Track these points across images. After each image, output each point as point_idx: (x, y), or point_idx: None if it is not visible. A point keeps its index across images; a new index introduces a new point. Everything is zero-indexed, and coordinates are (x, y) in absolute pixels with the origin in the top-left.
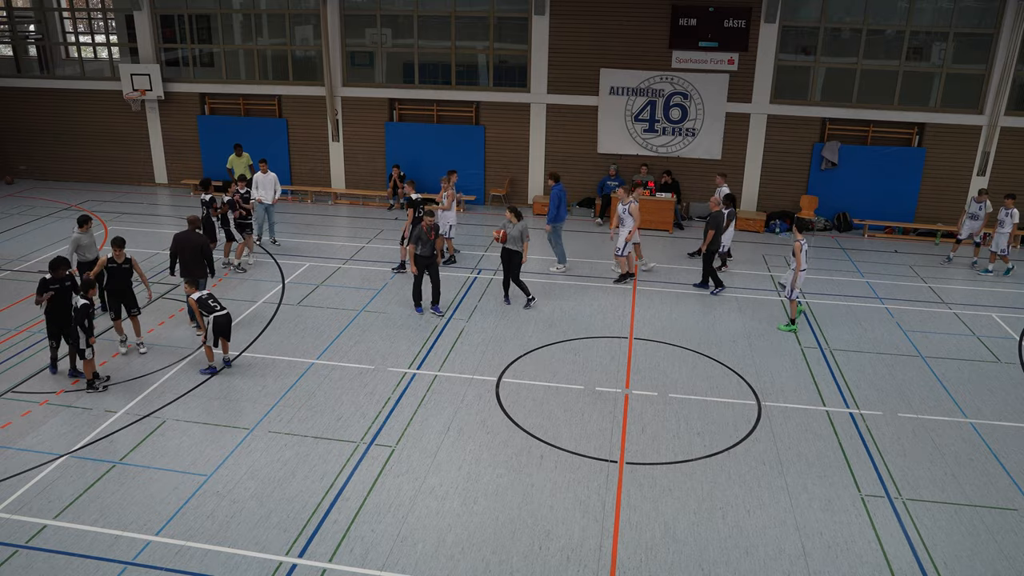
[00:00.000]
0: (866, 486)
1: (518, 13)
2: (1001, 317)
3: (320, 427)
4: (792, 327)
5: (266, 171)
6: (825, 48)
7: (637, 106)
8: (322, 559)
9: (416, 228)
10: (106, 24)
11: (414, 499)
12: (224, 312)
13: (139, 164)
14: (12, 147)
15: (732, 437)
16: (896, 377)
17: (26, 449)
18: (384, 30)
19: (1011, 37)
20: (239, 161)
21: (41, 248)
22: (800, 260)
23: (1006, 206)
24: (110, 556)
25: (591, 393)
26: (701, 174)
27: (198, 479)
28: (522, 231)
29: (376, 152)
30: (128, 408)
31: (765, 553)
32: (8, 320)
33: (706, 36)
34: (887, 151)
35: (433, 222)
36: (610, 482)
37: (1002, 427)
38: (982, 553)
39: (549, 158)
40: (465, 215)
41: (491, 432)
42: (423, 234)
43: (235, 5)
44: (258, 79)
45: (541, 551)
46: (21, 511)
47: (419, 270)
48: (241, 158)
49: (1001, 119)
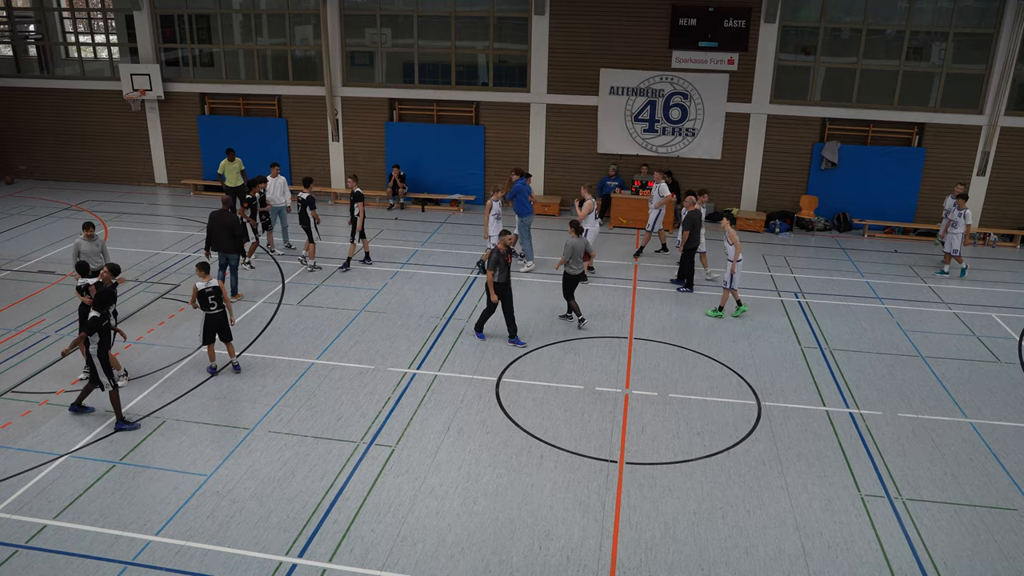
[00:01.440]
0: (866, 486)
1: (518, 13)
2: (1001, 317)
3: (320, 427)
4: (719, 313)
5: (276, 175)
6: (825, 48)
7: (637, 106)
8: (322, 559)
9: (494, 252)
10: (106, 24)
11: (414, 499)
12: (218, 312)
13: (139, 164)
14: (12, 147)
15: (732, 437)
16: (896, 377)
17: (26, 449)
18: (384, 30)
19: (1011, 37)
20: (231, 166)
21: (41, 248)
22: (738, 250)
23: (959, 207)
24: (110, 556)
25: (591, 393)
26: (701, 174)
27: (198, 479)
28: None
29: (376, 152)
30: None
31: (765, 553)
32: (8, 320)
33: (706, 36)
34: (887, 151)
35: (512, 240)
36: (610, 482)
37: (1002, 427)
38: (982, 553)
39: (549, 158)
40: (465, 215)
41: (491, 432)
42: (501, 258)
43: (235, 5)
44: (258, 79)
45: (541, 551)
46: (21, 511)
47: (498, 297)
48: (233, 163)
49: (1001, 119)
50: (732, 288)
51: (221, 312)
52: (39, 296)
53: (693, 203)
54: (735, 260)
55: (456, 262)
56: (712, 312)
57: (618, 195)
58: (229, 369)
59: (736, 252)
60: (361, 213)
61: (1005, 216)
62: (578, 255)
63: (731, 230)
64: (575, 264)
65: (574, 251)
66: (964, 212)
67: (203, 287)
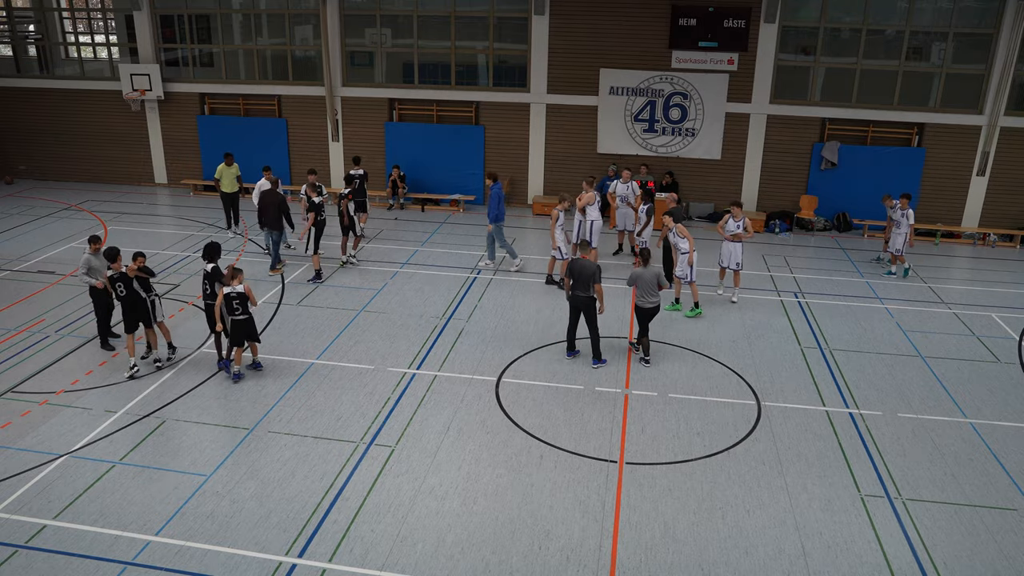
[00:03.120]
0: (866, 486)
1: (518, 13)
2: (1001, 317)
3: (320, 427)
4: (698, 311)
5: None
6: (825, 48)
7: (637, 106)
8: (322, 559)
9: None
10: (106, 24)
11: (414, 499)
12: (244, 317)
13: (139, 164)
14: (12, 147)
15: (732, 437)
16: (896, 377)
17: (26, 449)
18: (384, 30)
19: (1011, 37)
20: (228, 171)
21: (41, 248)
22: (691, 243)
23: (901, 207)
24: (110, 556)
25: (591, 393)
26: (701, 174)
27: (198, 479)
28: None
29: (376, 152)
30: (128, 408)
31: (765, 553)
32: (7, 320)
33: (706, 36)
34: (887, 151)
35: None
36: (610, 482)
37: (1002, 427)
38: (982, 553)
39: (549, 158)
40: (465, 215)
41: (491, 432)
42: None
43: (235, 5)
44: (258, 79)
45: (541, 551)
46: (21, 511)
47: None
48: (231, 168)
49: (1001, 119)
50: (692, 282)
51: (247, 318)
52: (39, 296)
53: (673, 200)
54: (690, 252)
55: (456, 262)
56: (676, 307)
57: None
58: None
59: (689, 245)
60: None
61: (1005, 216)
62: (649, 286)
63: (680, 226)
64: (649, 296)
65: (639, 281)
66: (906, 212)
67: (228, 291)
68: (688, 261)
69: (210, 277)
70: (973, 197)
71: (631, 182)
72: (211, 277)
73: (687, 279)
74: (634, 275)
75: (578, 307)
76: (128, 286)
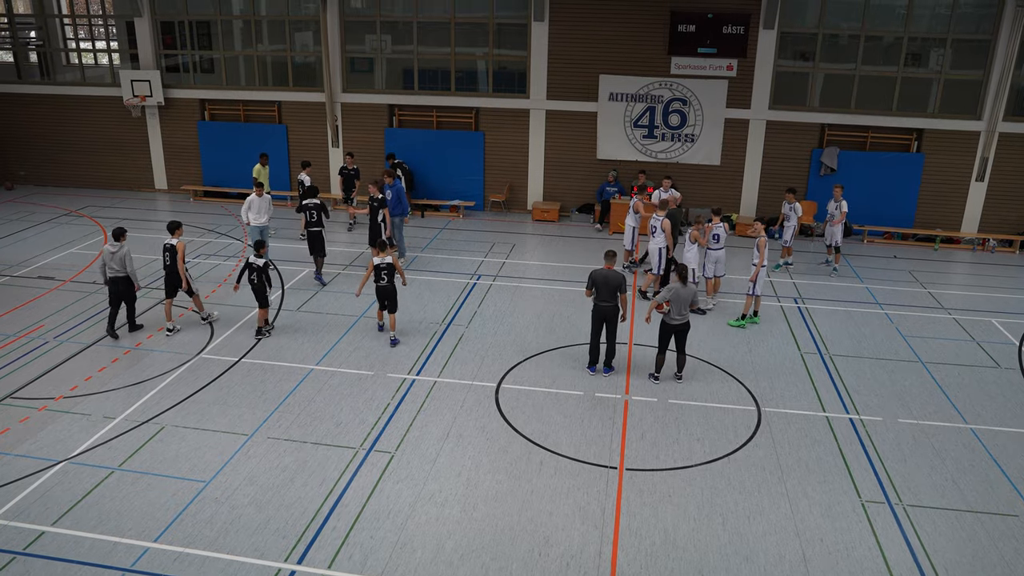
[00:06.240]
0: (866, 492)
1: (518, 19)
2: (1000, 322)
3: (319, 433)
4: (742, 323)
5: (261, 194)
6: (823, 54)
7: (636, 112)
8: (321, 566)
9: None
10: (107, 30)
11: (413, 505)
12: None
13: (139, 170)
14: (12, 153)
15: (732, 443)
16: (896, 383)
17: (24, 455)
18: (384, 36)
19: (1009, 42)
20: (264, 172)
21: (41, 254)
22: (763, 255)
23: (788, 201)
24: (108, 563)
25: (590, 399)
26: (701, 180)
27: (196, 485)
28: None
29: (376, 158)
30: (126, 414)
31: (765, 559)
32: (7, 326)
33: (705, 42)
34: (886, 157)
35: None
36: (610, 488)
37: (1003, 433)
38: (983, 559)
39: (548, 164)
40: (465, 221)
41: (490, 438)
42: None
43: (235, 11)
44: (258, 85)
45: (541, 557)
46: (19, 517)
47: (597, 321)
48: (266, 168)
49: (999, 124)
50: (659, 274)
51: (390, 285)
52: (38, 302)
53: (673, 201)
54: (760, 264)
55: (456, 268)
56: (734, 322)
57: (617, 201)
58: (228, 372)
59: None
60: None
61: (1004, 222)
62: (683, 304)
63: (763, 235)
64: (678, 313)
65: (676, 298)
66: (794, 206)
67: (378, 262)
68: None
69: (319, 208)
70: (972, 202)
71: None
72: (320, 208)
73: (656, 270)
74: (671, 291)
75: (602, 317)
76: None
